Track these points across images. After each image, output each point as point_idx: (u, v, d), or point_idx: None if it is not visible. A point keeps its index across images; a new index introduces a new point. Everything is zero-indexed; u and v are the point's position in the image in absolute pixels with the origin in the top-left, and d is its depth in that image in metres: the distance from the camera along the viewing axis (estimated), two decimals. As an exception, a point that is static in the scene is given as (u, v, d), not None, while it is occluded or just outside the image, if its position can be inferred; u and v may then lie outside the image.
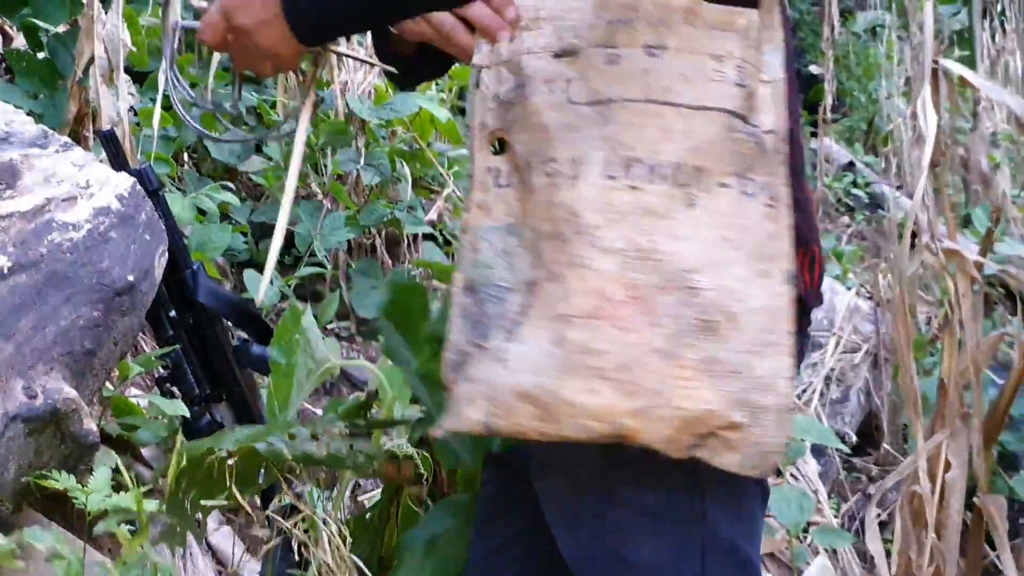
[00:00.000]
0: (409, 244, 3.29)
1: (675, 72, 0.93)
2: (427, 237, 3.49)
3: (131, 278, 1.74)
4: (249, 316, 1.93)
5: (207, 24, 1.09)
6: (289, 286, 2.84)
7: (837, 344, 3.32)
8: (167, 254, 1.90)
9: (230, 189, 2.65)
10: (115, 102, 2.32)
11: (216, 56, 2.86)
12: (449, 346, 1.00)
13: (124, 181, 1.83)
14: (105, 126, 2.33)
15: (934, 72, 1.74)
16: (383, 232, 3.22)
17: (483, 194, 1.00)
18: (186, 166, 3.40)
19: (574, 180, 0.94)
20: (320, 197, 3.20)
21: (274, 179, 3.12)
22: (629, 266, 0.91)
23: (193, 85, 3.10)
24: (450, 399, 0.99)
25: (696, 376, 0.91)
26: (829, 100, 7.02)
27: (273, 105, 3.73)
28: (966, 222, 6.83)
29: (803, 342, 1.04)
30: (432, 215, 3.31)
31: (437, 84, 4.60)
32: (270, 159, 3.39)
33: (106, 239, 1.75)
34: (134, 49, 2.36)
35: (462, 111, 5.32)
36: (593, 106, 0.95)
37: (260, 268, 3.07)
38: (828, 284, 3.66)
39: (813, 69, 10.79)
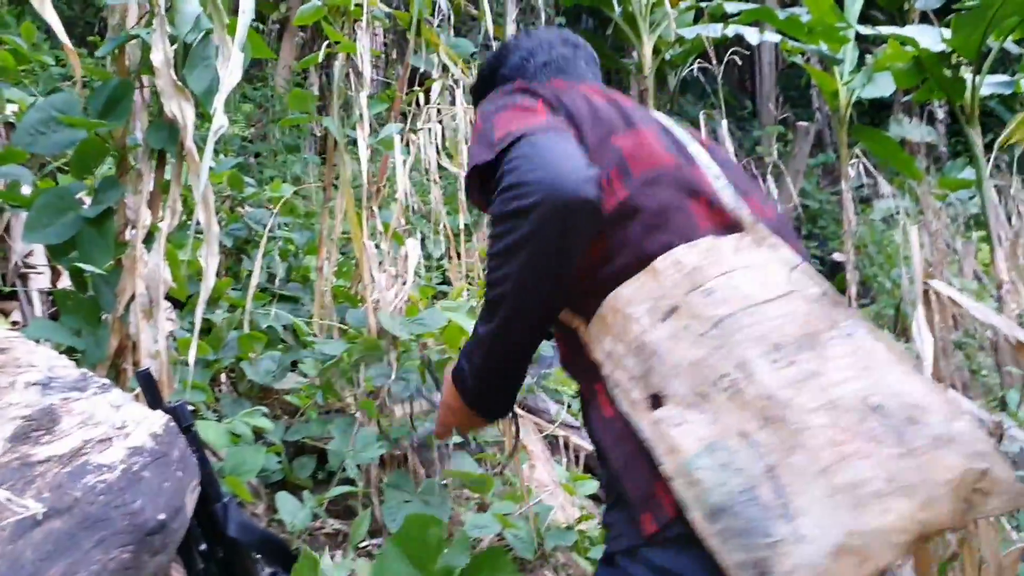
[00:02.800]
0: (441, 454, 3.31)
1: (748, 281, 1.25)
2: (459, 446, 3.51)
3: (162, 517, 1.77)
4: (278, 549, 1.95)
5: (440, 431, 1.75)
6: (321, 505, 2.84)
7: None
8: (199, 488, 1.95)
9: (264, 410, 2.71)
10: (154, 336, 2.42)
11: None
12: (734, 570, 1.10)
13: (159, 419, 1.89)
14: (144, 360, 2.42)
15: (925, 294, 1.80)
16: (414, 443, 3.24)
17: (663, 442, 1.19)
18: (223, 387, 3.49)
19: (751, 377, 1.16)
20: (353, 411, 3.26)
21: (307, 398, 3.19)
22: (831, 413, 1.12)
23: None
24: None
25: (936, 454, 1.10)
26: (854, 289, 7.11)
27: (308, 322, 3.85)
28: (1001, 405, 6.75)
29: None
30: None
31: (469, 291, 4.75)
32: (304, 376, 3.47)
33: (139, 479, 1.79)
34: (174, 285, 2.47)
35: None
36: (716, 326, 1.21)
37: (294, 489, 3.09)
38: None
39: (837, 257, 10.97)
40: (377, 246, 3.45)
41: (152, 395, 1.94)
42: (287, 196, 4.32)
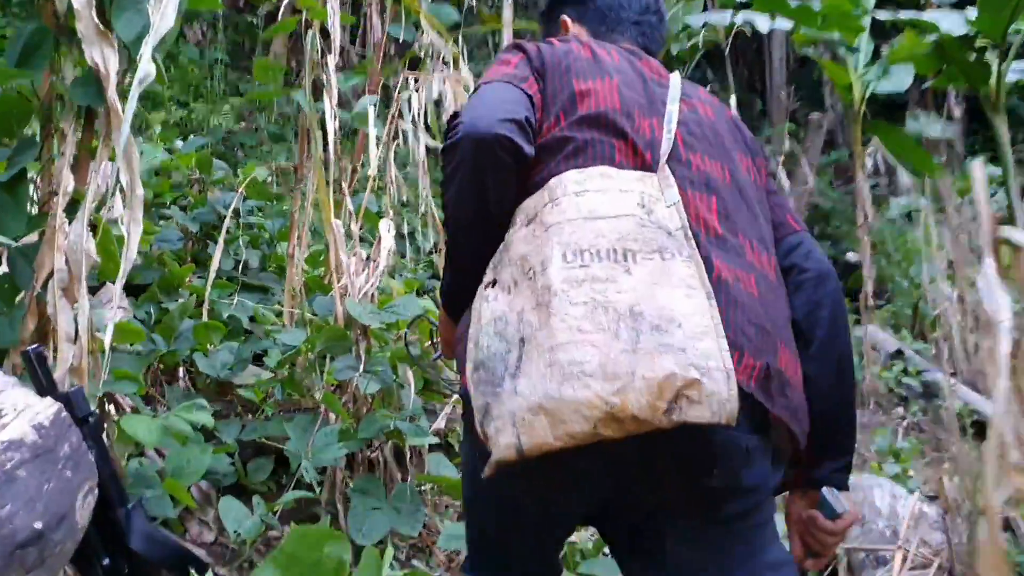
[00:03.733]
0: (414, 457, 2.99)
1: (597, 201, 1.41)
2: (437, 447, 3.20)
3: (39, 525, 1.47)
4: (191, 564, 1.63)
5: (444, 348, 1.84)
6: (274, 513, 2.53)
7: (904, 560, 2.90)
8: (96, 492, 1.63)
9: (204, 404, 2.40)
10: (74, 317, 2.11)
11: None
12: (475, 411, 1.37)
13: (46, 408, 1.58)
14: (62, 344, 2.12)
15: (995, 244, 1.45)
16: (387, 445, 2.93)
17: (476, 313, 1.44)
18: (181, 381, 3.18)
19: (545, 271, 1.34)
20: (319, 408, 2.95)
21: (262, 393, 2.88)
22: (590, 312, 1.29)
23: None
24: (490, 446, 1.34)
25: (655, 355, 1.25)
26: (870, 287, 6.76)
27: (278, 313, 3.55)
28: (1030, 409, 6.41)
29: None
30: (440, 423, 3.02)
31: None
32: (271, 371, 3.16)
33: (12, 478, 1.48)
34: (98, 259, 2.17)
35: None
36: (546, 231, 1.40)
37: (248, 492, 2.77)
38: (888, 488, 3.27)
39: (850, 257, 10.62)
40: (348, 229, 3.14)
41: (42, 379, 1.63)
42: (260, 180, 4.02)
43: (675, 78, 1.67)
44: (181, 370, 3.20)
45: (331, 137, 3.15)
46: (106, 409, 2.39)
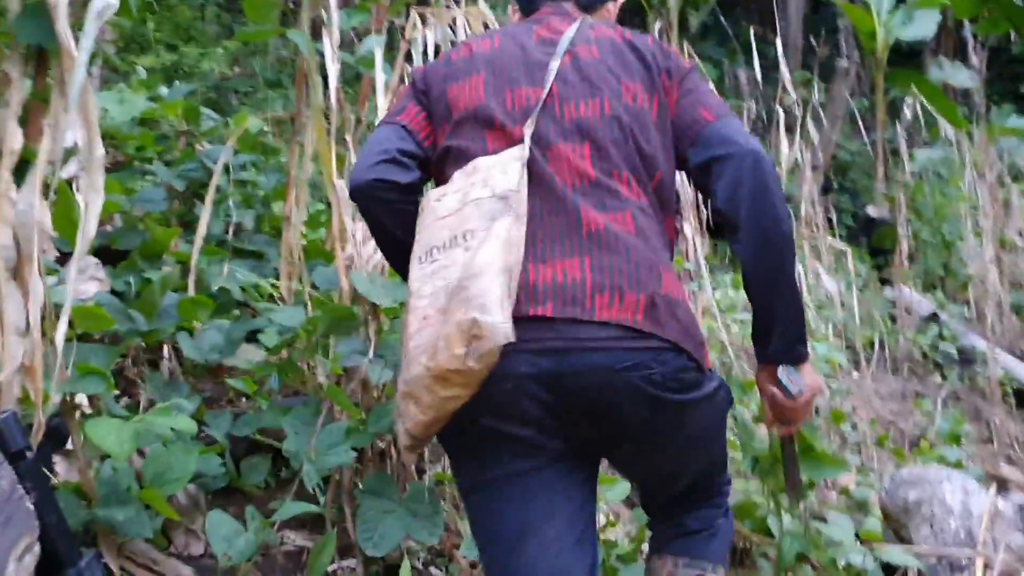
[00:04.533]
0: (430, 450, 2.63)
1: (451, 200, 1.60)
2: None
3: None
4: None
5: None
6: (271, 526, 2.17)
7: (986, 568, 2.56)
8: (37, 549, 1.26)
9: (183, 404, 2.03)
10: (24, 304, 1.73)
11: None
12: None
13: (-36, 442, 1.19)
14: (9, 338, 1.74)
15: None
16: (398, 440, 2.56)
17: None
18: (167, 363, 2.81)
19: (412, 275, 1.58)
20: (321, 395, 2.57)
21: (255, 384, 2.50)
22: (434, 298, 1.50)
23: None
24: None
25: (454, 313, 1.45)
26: (905, 246, 6.37)
27: (274, 284, 3.17)
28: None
29: None
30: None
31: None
32: (267, 350, 2.77)
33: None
34: (54, 233, 1.79)
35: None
36: (416, 241, 1.62)
37: (242, 496, 2.42)
38: (959, 482, 2.91)
39: (871, 211, 10.18)
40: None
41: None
42: (253, 132, 3.61)
43: (568, 30, 1.74)
44: (166, 348, 2.83)
45: (332, 83, 2.75)
46: (72, 408, 2.01)
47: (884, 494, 2.95)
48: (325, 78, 2.86)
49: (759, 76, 7.09)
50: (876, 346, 5.72)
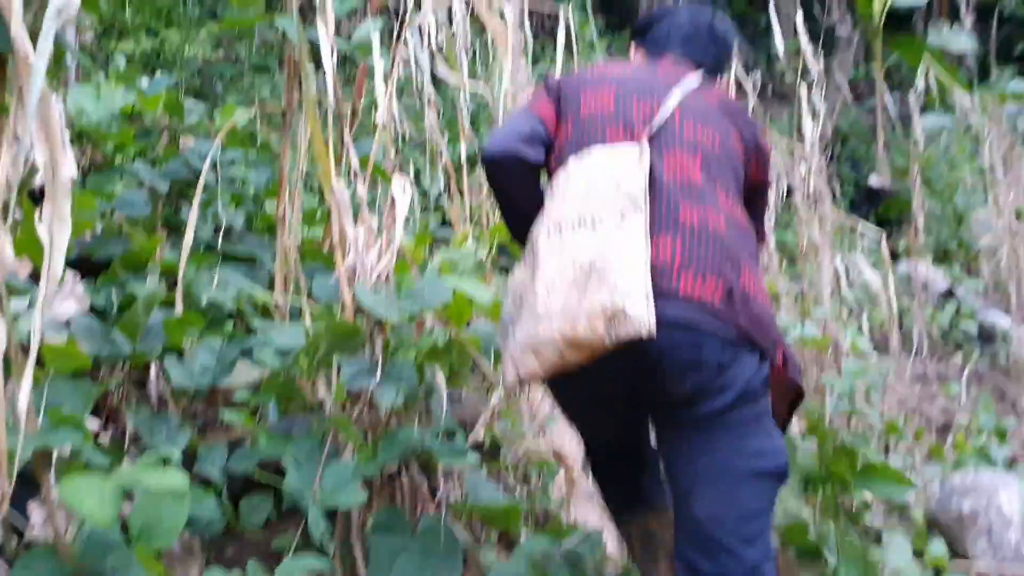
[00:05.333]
0: (448, 479, 2.42)
1: (576, 182, 1.88)
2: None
3: None
4: None
5: None
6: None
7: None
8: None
9: (169, 458, 1.79)
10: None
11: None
12: (502, 347, 1.90)
13: None
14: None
15: None
16: (412, 464, 2.35)
17: (505, 291, 2.03)
18: (152, 388, 2.56)
19: (537, 243, 1.83)
20: (325, 414, 2.34)
21: (251, 418, 2.26)
22: (561, 270, 1.73)
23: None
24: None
25: (595, 294, 1.68)
26: (920, 221, 6.14)
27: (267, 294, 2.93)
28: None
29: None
30: (478, 434, 2.43)
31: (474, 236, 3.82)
32: (262, 366, 2.53)
33: None
34: (16, 261, 1.55)
35: (505, 269, 4.51)
36: (544, 213, 1.88)
37: (242, 539, 2.19)
38: (1016, 490, 2.70)
39: (873, 181, 9.94)
40: (352, 190, 2.50)
41: None
42: (241, 126, 3.36)
43: (688, 78, 2.07)
44: (153, 367, 2.59)
45: (328, 73, 2.50)
46: (44, 458, 1.77)
47: (935, 504, 2.74)
48: (317, 66, 2.62)
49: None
50: (895, 327, 5.52)
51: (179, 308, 2.54)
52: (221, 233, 3.13)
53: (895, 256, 7.34)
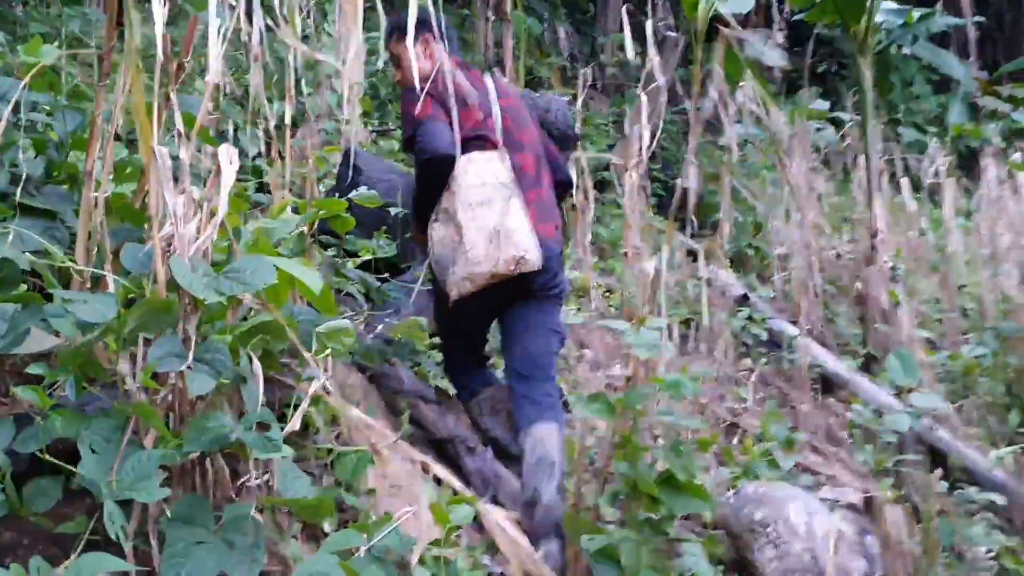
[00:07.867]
0: (257, 466, 2.31)
1: (474, 174, 3.27)
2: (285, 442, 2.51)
3: None
4: None
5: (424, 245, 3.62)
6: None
7: (832, 599, 2.50)
8: None
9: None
10: None
11: None
12: (440, 282, 3.31)
13: None
14: None
15: None
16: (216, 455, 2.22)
17: (431, 239, 3.32)
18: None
19: (456, 214, 3.21)
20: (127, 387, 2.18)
21: (47, 397, 2.07)
22: (476, 232, 3.17)
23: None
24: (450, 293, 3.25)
25: (506, 248, 3.15)
26: (727, 229, 6.42)
27: (69, 255, 2.69)
28: (866, 363, 6.31)
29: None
30: (295, 424, 2.32)
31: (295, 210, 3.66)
32: (56, 335, 2.33)
33: None
34: None
35: (324, 246, 4.36)
36: (455, 194, 3.25)
37: (27, 524, 2.01)
38: (803, 503, 2.86)
39: (679, 183, 10.26)
40: (175, 155, 2.33)
41: None
42: (49, 68, 3.07)
43: (488, 81, 3.45)
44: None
45: (158, 26, 2.32)
46: None
47: (728, 511, 2.87)
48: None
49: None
50: (692, 328, 5.76)
51: (-35, 264, 2.30)
52: (21, 183, 2.85)
53: (696, 259, 7.66)
